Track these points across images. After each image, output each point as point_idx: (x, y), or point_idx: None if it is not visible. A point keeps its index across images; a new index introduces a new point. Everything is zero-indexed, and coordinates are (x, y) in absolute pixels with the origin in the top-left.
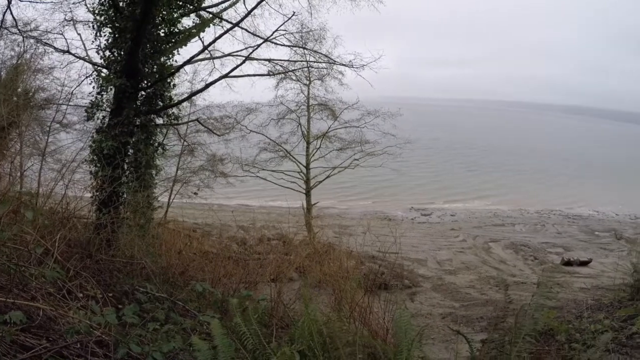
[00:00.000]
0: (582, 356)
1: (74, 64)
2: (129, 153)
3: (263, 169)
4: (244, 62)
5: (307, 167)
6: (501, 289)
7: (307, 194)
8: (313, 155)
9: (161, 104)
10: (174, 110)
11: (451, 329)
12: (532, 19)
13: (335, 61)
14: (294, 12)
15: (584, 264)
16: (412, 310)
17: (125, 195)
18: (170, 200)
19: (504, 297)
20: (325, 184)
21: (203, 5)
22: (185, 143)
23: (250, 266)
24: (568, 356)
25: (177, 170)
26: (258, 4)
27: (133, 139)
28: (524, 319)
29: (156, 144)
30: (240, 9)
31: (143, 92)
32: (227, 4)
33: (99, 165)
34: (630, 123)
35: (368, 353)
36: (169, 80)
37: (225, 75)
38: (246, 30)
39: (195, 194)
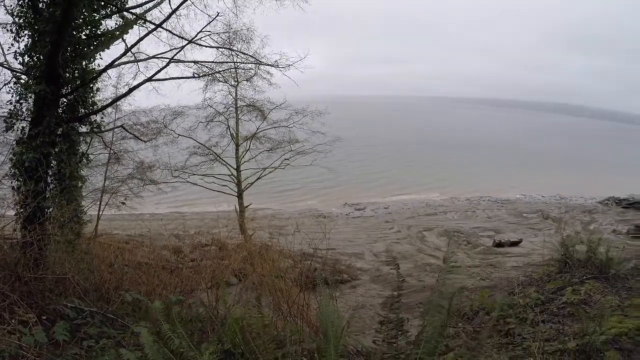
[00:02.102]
0: (517, 329)
1: None
2: (52, 165)
3: (194, 174)
4: (168, 64)
5: (238, 169)
6: (392, 267)
7: (239, 196)
8: (243, 157)
9: (84, 110)
10: (98, 117)
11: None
12: (470, 18)
13: (260, 61)
14: (218, 13)
15: (515, 244)
16: (354, 302)
17: (50, 210)
18: (100, 213)
19: (396, 277)
20: (262, 186)
21: (126, 6)
22: (111, 151)
23: (185, 274)
24: (503, 330)
25: (104, 180)
26: (181, 3)
27: (55, 150)
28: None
29: (80, 153)
30: (166, 9)
31: (64, 99)
32: (151, 4)
33: (20, 179)
34: (561, 113)
35: (301, 348)
36: (91, 85)
37: (149, 79)
38: (170, 32)
39: (123, 203)
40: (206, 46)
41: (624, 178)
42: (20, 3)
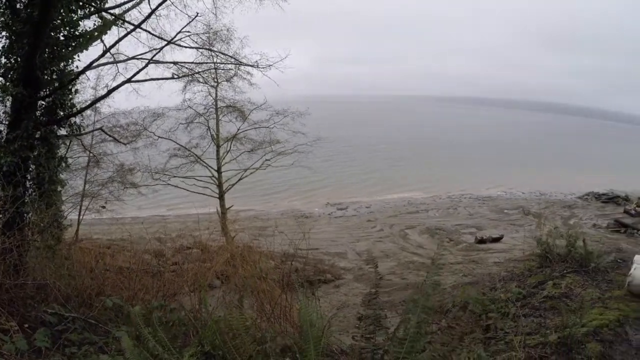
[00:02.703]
0: (499, 323)
1: None
2: (30, 169)
3: (174, 176)
4: (147, 65)
5: (219, 170)
6: (371, 265)
7: (221, 198)
8: (224, 158)
9: (62, 113)
10: (77, 119)
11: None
12: (459, 17)
13: (240, 62)
14: (197, 13)
15: (497, 240)
16: (337, 302)
17: (30, 215)
18: (81, 217)
19: (374, 275)
20: (244, 188)
21: (105, 6)
22: (91, 154)
23: (167, 277)
24: (484, 326)
25: (84, 184)
26: (160, 4)
27: (34, 153)
28: (419, 295)
29: (59, 157)
30: (145, 9)
31: (42, 102)
32: (130, 4)
33: None
34: (540, 112)
35: (282, 346)
36: (70, 87)
37: (128, 80)
38: (149, 32)
39: (103, 207)
40: (186, 47)
41: (603, 174)
42: None
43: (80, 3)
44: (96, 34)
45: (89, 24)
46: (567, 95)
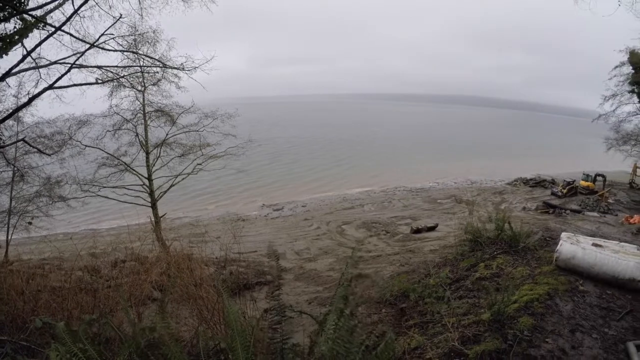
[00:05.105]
0: (435, 307)
1: None
2: None
3: (104, 187)
4: (69, 70)
5: (149, 178)
6: (272, 259)
7: (153, 206)
8: (154, 165)
9: None
10: None
11: (294, 311)
12: (395, 16)
13: (166, 65)
14: (121, 15)
15: (432, 229)
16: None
17: None
18: (9, 238)
19: (276, 267)
20: (179, 194)
21: (26, 7)
22: (15, 168)
23: (103, 294)
24: (423, 311)
25: (10, 201)
26: (82, 4)
27: None
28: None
29: None
30: (69, 10)
31: None
32: (53, 5)
33: None
34: (471, 106)
35: (214, 348)
36: None
37: (51, 86)
38: (72, 35)
39: (30, 223)
40: (110, 50)
41: (529, 160)
42: None
43: (0, 5)
44: (17, 37)
45: (8, 26)
46: (497, 90)
